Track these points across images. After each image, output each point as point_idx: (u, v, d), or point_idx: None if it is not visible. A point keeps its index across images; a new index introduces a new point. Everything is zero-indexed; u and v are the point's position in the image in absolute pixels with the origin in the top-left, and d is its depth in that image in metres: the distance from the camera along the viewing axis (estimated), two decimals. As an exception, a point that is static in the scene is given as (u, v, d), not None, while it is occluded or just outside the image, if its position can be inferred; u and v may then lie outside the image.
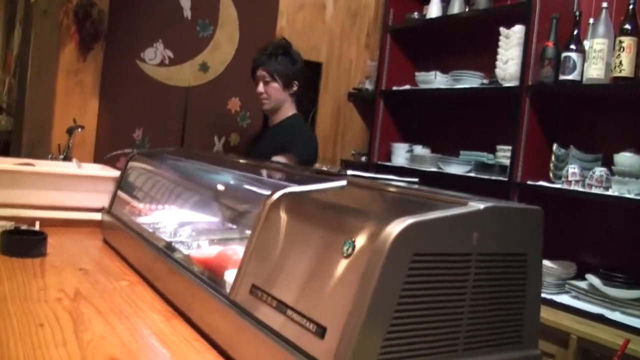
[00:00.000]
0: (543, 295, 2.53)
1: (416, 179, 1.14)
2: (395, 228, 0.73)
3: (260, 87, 2.84)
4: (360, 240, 0.77)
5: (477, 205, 0.83)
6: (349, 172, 1.11)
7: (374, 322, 0.73)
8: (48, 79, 3.01)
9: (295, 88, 2.88)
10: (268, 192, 1.01)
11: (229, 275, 1.02)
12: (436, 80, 3.52)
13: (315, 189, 1.02)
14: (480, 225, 0.83)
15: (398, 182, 1.10)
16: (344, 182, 1.07)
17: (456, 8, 3.49)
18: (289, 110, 2.89)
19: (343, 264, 0.78)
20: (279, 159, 2.63)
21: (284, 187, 1.01)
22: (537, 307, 0.93)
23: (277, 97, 2.84)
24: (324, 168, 1.18)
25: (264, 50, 2.88)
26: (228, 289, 0.99)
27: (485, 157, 3.24)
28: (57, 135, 2.95)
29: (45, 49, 3.02)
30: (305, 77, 2.96)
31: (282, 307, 0.84)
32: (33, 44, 3.04)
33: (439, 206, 0.82)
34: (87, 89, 3.06)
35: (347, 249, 0.77)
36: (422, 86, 3.62)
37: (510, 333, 0.89)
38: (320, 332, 0.76)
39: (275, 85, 2.82)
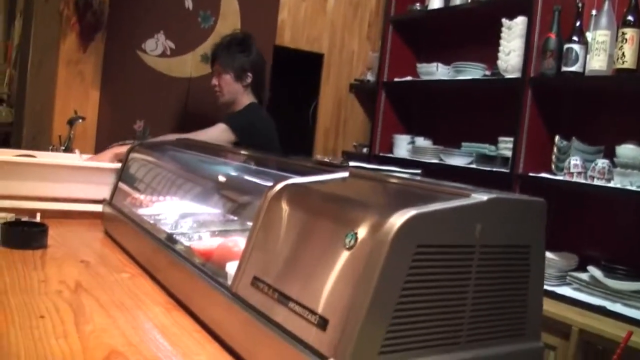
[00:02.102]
0: (544, 287, 2.52)
1: (419, 170, 1.14)
2: (398, 220, 0.73)
3: (214, 80, 2.85)
4: (363, 232, 0.76)
5: (481, 196, 0.82)
6: (351, 163, 1.10)
7: (376, 314, 0.72)
8: (49, 70, 3.00)
9: (249, 80, 2.87)
10: (270, 184, 1.01)
11: (231, 267, 1.01)
12: (438, 71, 3.51)
13: (318, 180, 1.02)
14: (484, 217, 0.82)
15: (400, 173, 1.09)
16: (346, 174, 1.06)
17: (458, -1, 3.48)
18: (244, 100, 2.88)
19: (345, 255, 0.77)
20: (210, 129, 2.64)
21: (286, 178, 1.00)
22: (540, 299, 0.93)
23: (229, 89, 2.84)
24: (326, 159, 1.17)
25: (220, 44, 2.89)
26: (229, 281, 0.99)
27: (487, 148, 3.23)
28: (58, 126, 2.95)
29: (46, 39, 3.01)
30: (262, 68, 2.95)
31: (283, 299, 0.84)
32: (34, 34, 3.03)
33: (442, 198, 0.82)
34: (88, 80, 3.05)
35: (350, 241, 0.77)
36: (424, 77, 3.61)
37: (513, 325, 0.89)
38: (322, 324, 0.75)
39: (226, 77, 2.83)
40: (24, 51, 3.35)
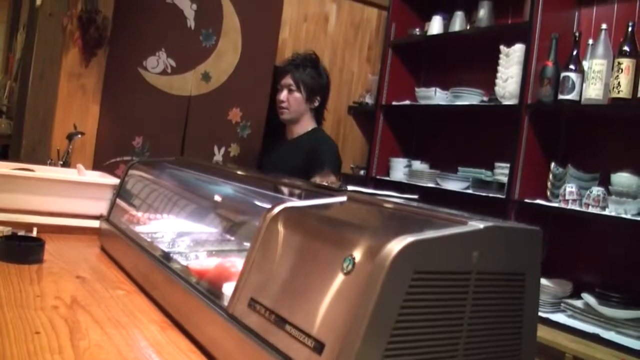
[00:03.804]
0: (539, 313, 2.52)
1: (416, 196, 1.15)
2: (396, 246, 0.74)
3: (284, 95, 2.82)
4: (361, 257, 0.77)
5: (478, 224, 0.83)
6: (350, 187, 1.11)
7: (372, 339, 0.73)
8: (50, 82, 3.01)
9: (316, 103, 2.86)
10: (268, 206, 1.01)
11: (228, 288, 1.02)
12: (436, 96, 3.54)
13: (316, 204, 1.03)
14: (480, 244, 0.83)
15: (398, 198, 1.10)
16: (344, 198, 1.07)
17: (457, 25, 3.52)
18: (309, 123, 2.87)
19: (343, 280, 0.78)
20: (321, 177, 2.62)
21: (285, 201, 1.01)
22: (535, 326, 0.93)
23: (297, 108, 2.82)
24: (325, 183, 1.18)
25: (294, 60, 2.87)
26: (226, 302, 0.99)
27: (483, 174, 3.25)
28: (57, 139, 2.95)
29: (49, 52, 3.02)
30: (328, 94, 2.93)
31: (280, 321, 0.84)
32: (36, 47, 3.05)
33: (439, 225, 0.83)
34: (89, 94, 3.06)
35: (347, 266, 0.78)
36: (422, 102, 3.64)
37: (508, 352, 0.89)
38: (319, 348, 0.76)
39: (298, 95, 2.80)
40: (26, 64, 3.37)
